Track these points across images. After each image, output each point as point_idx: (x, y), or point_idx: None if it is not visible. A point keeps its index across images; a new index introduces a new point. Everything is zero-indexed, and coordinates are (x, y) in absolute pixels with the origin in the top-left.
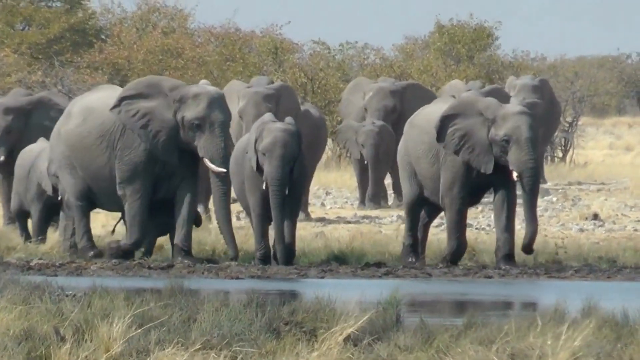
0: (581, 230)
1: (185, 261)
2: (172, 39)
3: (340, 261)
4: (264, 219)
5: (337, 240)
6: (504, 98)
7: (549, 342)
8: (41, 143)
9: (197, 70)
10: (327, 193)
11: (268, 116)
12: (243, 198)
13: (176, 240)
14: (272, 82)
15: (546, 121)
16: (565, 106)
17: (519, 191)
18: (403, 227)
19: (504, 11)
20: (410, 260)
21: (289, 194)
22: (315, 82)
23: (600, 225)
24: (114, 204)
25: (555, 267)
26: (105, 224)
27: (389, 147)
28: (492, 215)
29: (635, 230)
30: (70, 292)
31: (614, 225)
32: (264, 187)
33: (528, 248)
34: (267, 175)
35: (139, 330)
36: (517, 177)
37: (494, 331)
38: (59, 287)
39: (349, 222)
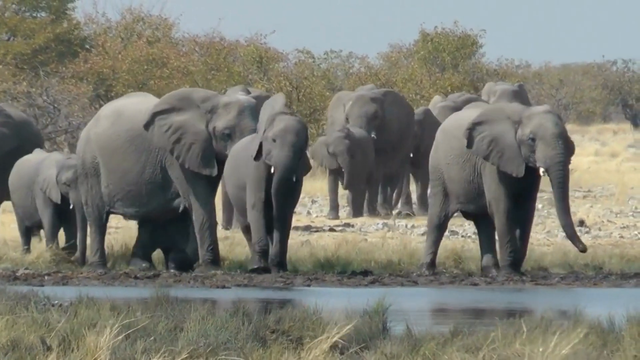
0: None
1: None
2: (157, 49)
3: (326, 269)
4: (262, 215)
5: (323, 248)
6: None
7: (535, 350)
8: (39, 153)
9: (182, 80)
10: (313, 201)
11: (279, 107)
12: (239, 200)
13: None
14: (248, 92)
15: None
16: None
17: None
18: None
19: (489, 19)
20: (427, 273)
21: (288, 196)
22: (300, 90)
23: (586, 232)
24: (136, 209)
25: (541, 274)
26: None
27: (367, 154)
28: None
29: (621, 237)
30: (57, 302)
31: (600, 232)
32: (271, 172)
33: (572, 238)
34: (277, 161)
35: (126, 340)
36: (543, 172)
37: (481, 339)
38: (45, 297)
39: (335, 231)
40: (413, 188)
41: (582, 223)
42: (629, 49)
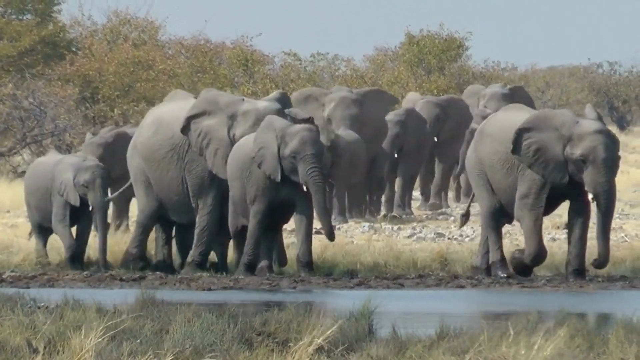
0: (553, 239)
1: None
2: (143, 51)
3: (312, 272)
4: (263, 227)
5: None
6: (462, 108)
7: (522, 352)
8: (54, 155)
9: (168, 83)
10: None
11: (282, 121)
12: (242, 203)
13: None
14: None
15: None
16: None
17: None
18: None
19: (475, 22)
20: (502, 275)
21: (302, 205)
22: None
23: None
24: (185, 217)
25: (528, 277)
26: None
27: (357, 157)
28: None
29: None
30: (43, 304)
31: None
32: (305, 189)
33: (600, 265)
34: (306, 175)
35: (112, 342)
36: (592, 198)
37: (467, 341)
38: (31, 299)
39: (321, 233)
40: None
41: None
42: (615, 51)
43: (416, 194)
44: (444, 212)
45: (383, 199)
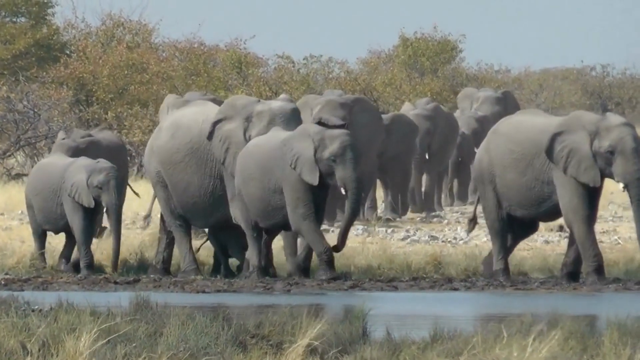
0: (546, 242)
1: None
2: (137, 54)
3: (306, 274)
4: (317, 225)
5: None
6: (449, 119)
7: (516, 354)
8: (60, 157)
9: (162, 85)
10: None
11: (316, 126)
12: (263, 202)
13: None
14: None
15: None
16: None
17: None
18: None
19: (468, 24)
20: (505, 282)
21: (321, 204)
22: (279, 95)
23: (566, 237)
24: (202, 221)
25: (521, 279)
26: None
27: None
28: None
29: (601, 241)
30: (37, 307)
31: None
32: (343, 192)
33: None
34: (345, 177)
35: (106, 345)
36: (623, 188)
37: (461, 343)
38: (25, 302)
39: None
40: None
41: (561, 228)
42: (608, 54)
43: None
44: (437, 215)
45: (367, 203)
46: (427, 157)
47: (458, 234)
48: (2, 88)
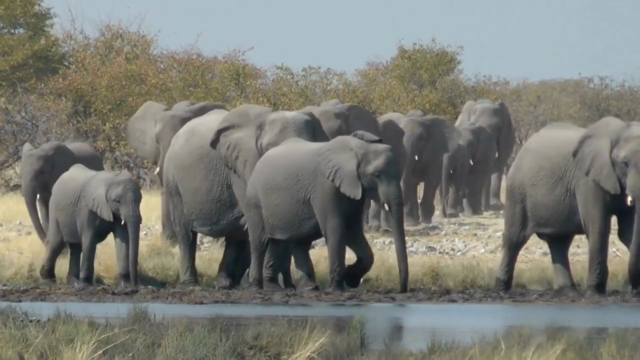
0: (545, 254)
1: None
2: (135, 65)
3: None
4: (344, 240)
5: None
6: (446, 129)
7: None
8: (80, 170)
9: (160, 97)
10: None
11: (357, 140)
12: (289, 212)
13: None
14: (193, 104)
15: (505, 144)
16: (529, 130)
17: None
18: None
19: (466, 36)
20: (501, 294)
21: (358, 216)
22: (278, 107)
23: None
24: (211, 228)
25: (520, 291)
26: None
27: None
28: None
29: None
30: (35, 318)
31: (578, 249)
32: (386, 208)
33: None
34: (388, 194)
35: (104, 356)
36: (630, 202)
37: (458, 355)
38: (23, 313)
39: (313, 247)
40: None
41: None
42: (606, 66)
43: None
44: (435, 227)
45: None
46: (416, 159)
47: (456, 245)
48: (0, 99)
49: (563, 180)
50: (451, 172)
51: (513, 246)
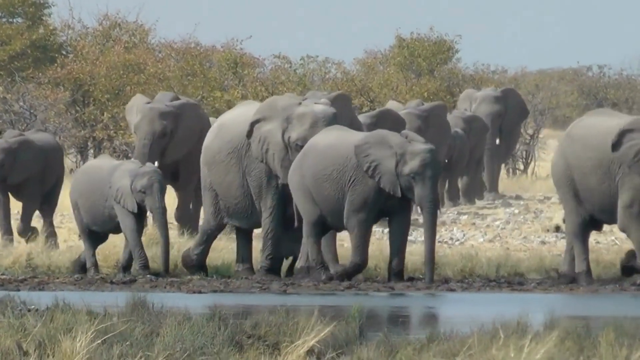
0: (543, 242)
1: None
2: (134, 54)
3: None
4: (369, 233)
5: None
6: (442, 117)
7: (512, 355)
8: (106, 159)
9: (158, 86)
10: None
11: (398, 137)
12: (337, 204)
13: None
14: (177, 99)
15: (512, 132)
16: (527, 119)
17: None
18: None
19: (465, 25)
20: (587, 285)
21: (401, 216)
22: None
23: (562, 238)
24: (244, 221)
25: (518, 280)
26: (66, 239)
27: None
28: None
29: (597, 242)
30: (33, 307)
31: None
32: (419, 210)
33: None
34: (422, 197)
35: (102, 345)
36: None
37: (457, 344)
38: (21, 302)
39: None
40: None
41: (557, 229)
42: (604, 54)
43: None
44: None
45: None
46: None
47: (454, 234)
48: None
49: (610, 173)
50: (446, 161)
51: (579, 235)
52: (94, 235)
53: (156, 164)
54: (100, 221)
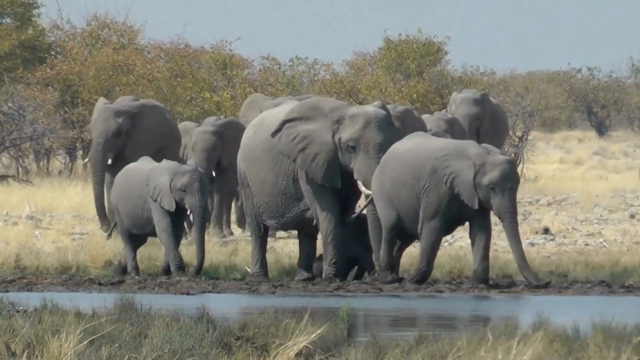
0: (532, 244)
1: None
2: (122, 55)
3: (291, 276)
4: (438, 244)
5: (288, 255)
6: (418, 120)
7: (500, 357)
8: (146, 161)
9: (147, 87)
10: None
11: (478, 147)
12: (412, 210)
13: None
14: (137, 100)
15: (491, 135)
16: (516, 121)
17: None
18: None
19: (453, 27)
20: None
21: (481, 223)
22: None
23: (551, 240)
24: (275, 220)
25: (506, 282)
26: (55, 239)
27: None
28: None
29: (586, 244)
30: (21, 308)
31: (565, 240)
32: (499, 219)
33: None
34: (502, 208)
35: (90, 346)
36: None
37: (446, 346)
38: (9, 303)
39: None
40: None
41: (546, 231)
42: (594, 56)
43: None
44: None
45: None
46: None
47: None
48: None
49: None
50: None
51: None
52: (135, 239)
53: (109, 161)
54: (140, 224)
